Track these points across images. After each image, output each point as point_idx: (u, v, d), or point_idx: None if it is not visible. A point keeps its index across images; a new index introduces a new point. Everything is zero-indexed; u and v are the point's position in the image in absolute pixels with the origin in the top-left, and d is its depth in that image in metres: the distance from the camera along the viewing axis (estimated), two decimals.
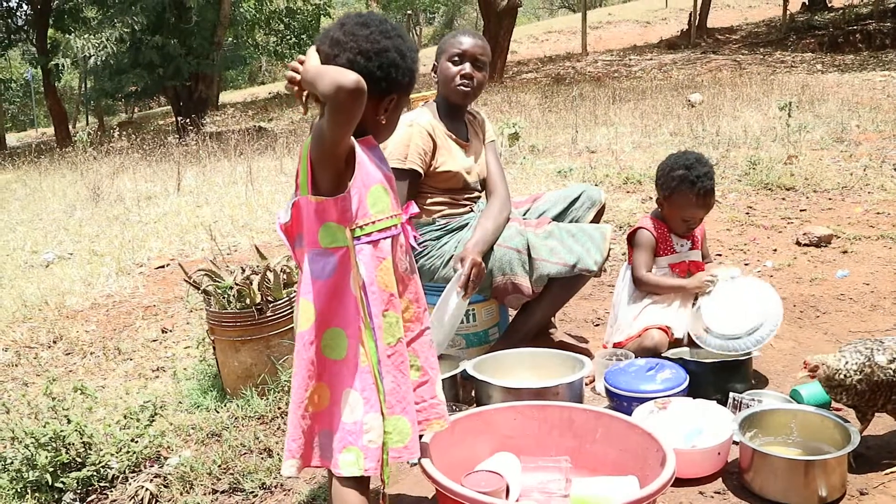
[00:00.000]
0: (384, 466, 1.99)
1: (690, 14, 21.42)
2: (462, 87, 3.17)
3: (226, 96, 28.41)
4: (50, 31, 21.94)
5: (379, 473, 1.99)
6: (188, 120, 14.03)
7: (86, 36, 15.39)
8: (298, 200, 2.00)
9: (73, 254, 6.17)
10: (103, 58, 15.37)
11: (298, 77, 1.93)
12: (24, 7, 23.00)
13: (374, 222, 2.00)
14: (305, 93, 1.95)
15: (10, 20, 22.86)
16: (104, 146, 11.78)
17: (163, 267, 5.45)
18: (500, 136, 8.04)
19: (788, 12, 20.97)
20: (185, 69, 16.48)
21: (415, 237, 2.19)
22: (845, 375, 2.43)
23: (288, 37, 24.71)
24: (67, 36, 17.63)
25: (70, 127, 22.53)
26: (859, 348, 2.48)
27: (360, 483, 2.00)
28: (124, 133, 13.63)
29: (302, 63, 1.94)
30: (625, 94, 12.40)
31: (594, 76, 16.73)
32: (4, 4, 22.47)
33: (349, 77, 1.78)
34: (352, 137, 1.93)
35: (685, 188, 3.23)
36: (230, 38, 21.35)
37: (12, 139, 25.90)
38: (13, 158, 14.57)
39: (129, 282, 5.19)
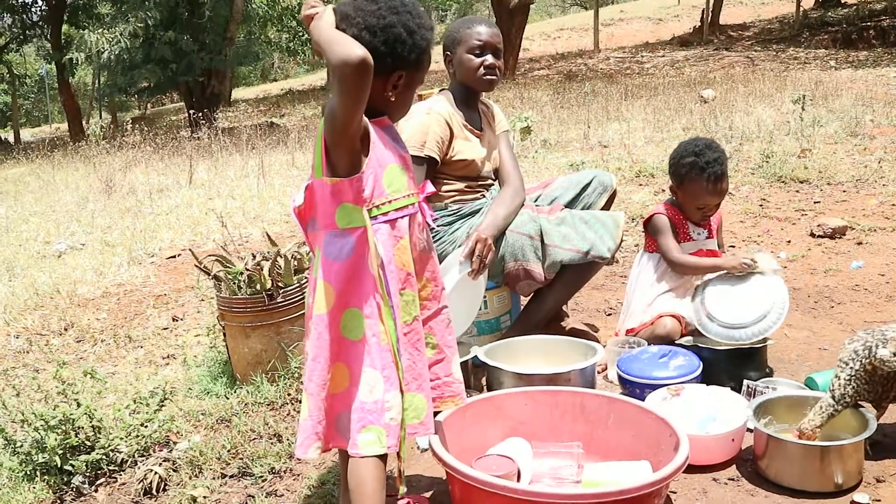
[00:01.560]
0: (402, 443, 1.99)
1: (703, 11, 21.34)
2: (489, 77, 3.20)
3: (238, 93, 28.48)
4: (64, 28, 22.04)
5: (397, 451, 1.99)
6: (201, 114, 14.05)
7: (99, 31, 15.45)
8: (312, 183, 1.99)
9: (86, 244, 6.18)
10: (116, 52, 15.43)
11: (313, 14, 1.92)
12: (39, 3, 23.12)
13: (390, 201, 1.99)
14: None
15: (24, 16, 22.98)
16: (117, 140, 11.83)
17: (174, 257, 5.45)
18: (513, 129, 8.01)
19: (801, 8, 20.84)
20: (197, 65, 16.51)
21: (432, 216, 2.17)
22: (851, 396, 2.39)
23: (300, 33, 24.71)
24: (81, 32, 17.68)
25: (83, 123, 22.60)
26: (857, 349, 2.41)
27: (378, 461, 1.99)
28: (137, 127, 13.65)
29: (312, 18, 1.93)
30: (637, 90, 12.34)
31: (606, 73, 16.67)
32: (20, 0, 22.57)
33: (355, 52, 1.77)
34: (365, 118, 1.92)
35: (695, 174, 3.20)
36: (243, 35, 21.35)
37: (27, 135, 26.03)
38: (27, 152, 14.63)
39: (140, 271, 5.20)
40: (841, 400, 2.38)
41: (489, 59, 3.18)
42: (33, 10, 23.58)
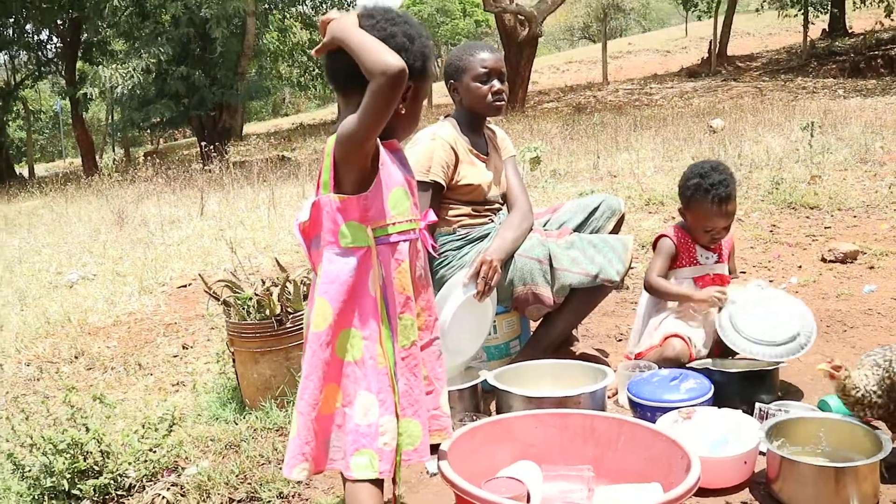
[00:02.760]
0: (397, 468, 1.97)
1: (710, 42, 21.49)
2: (498, 103, 3.23)
3: (250, 127, 28.72)
4: (79, 64, 22.32)
5: (392, 476, 1.97)
6: (212, 147, 14.17)
7: (113, 66, 15.64)
8: (319, 200, 1.98)
9: (97, 274, 6.20)
10: (129, 87, 15.60)
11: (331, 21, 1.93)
12: (54, 40, 23.41)
13: (394, 223, 1.99)
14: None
15: (40, 52, 23.30)
16: (129, 174, 11.92)
17: (185, 286, 5.47)
18: (522, 160, 8.03)
19: (809, 39, 20.95)
20: (209, 99, 16.69)
21: (433, 246, 2.17)
22: (864, 394, 2.37)
23: (311, 68, 24.95)
24: (95, 67, 17.92)
25: (97, 157, 22.80)
26: (878, 361, 2.41)
27: (374, 485, 1.97)
28: (149, 161, 13.77)
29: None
30: (646, 121, 12.40)
31: (615, 105, 16.77)
32: (35, 37, 22.90)
33: (395, 60, 1.78)
34: (377, 139, 1.93)
35: (700, 196, 3.21)
36: (254, 70, 21.59)
37: (41, 169, 26.24)
38: (41, 186, 14.75)
39: (151, 300, 5.21)
40: (863, 386, 2.36)
41: (496, 84, 3.20)
42: (48, 46, 23.91)
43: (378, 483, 1.98)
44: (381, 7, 2.00)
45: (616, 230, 3.37)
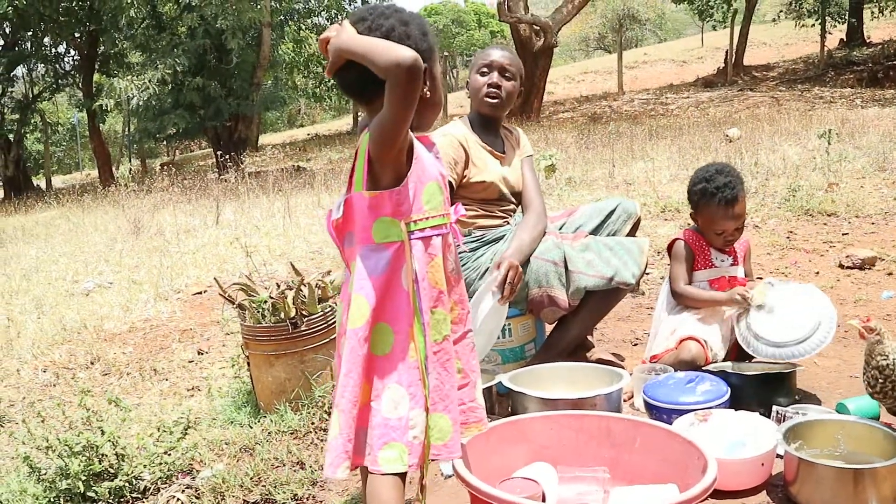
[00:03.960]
0: (425, 464, 1.97)
1: (727, 52, 21.42)
2: (488, 98, 3.20)
3: (265, 138, 28.86)
4: (96, 76, 22.50)
5: (420, 470, 1.97)
6: (228, 157, 14.24)
7: (129, 77, 15.77)
8: (351, 197, 1.99)
9: (113, 282, 6.23)
10: (145, 98, 15.71)
11: (329, 36, 1.94)
12: (72, 52, 23.62)
13: (427, 218, 2.00)
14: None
15: (57, 65, 23.49)
16: (145, 184, 11.99)
17: (200, 293, 5.48)
18: (537, 168, 8.02)
19: (826, 48, 20.86)
20: (225, 110, 16.78)
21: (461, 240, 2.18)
22: (890, 365, 2.35)
23: (326, 79, 25.03)
24: (111, 79, 18.06)
25: (113, 169, 22.96)
26: None
27: (398, 480, 1.96)
28: (165, 171, 13.84)
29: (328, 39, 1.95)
30: (662, 131, 12.35)
31: (631, 114, 16.73)
32: (53, 50, 23.11)
33: (405, 53, 1.79)
34: (410, 132, 1.94)
35: (706, 200, 3.21)
36: (269, 81, 21.69)
37: (58, 181, 26.44)
38: (58, 197, 14.87)
39: (166, 307, 5.23)
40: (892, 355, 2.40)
41: (493, 77, 3.18)
42: (66, 59, 24.11)
43: (401, 477, 1.98)
44: (366, 6, 2.02)
45: (632, 233, 3.36)
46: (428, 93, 2.00)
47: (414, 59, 1.79)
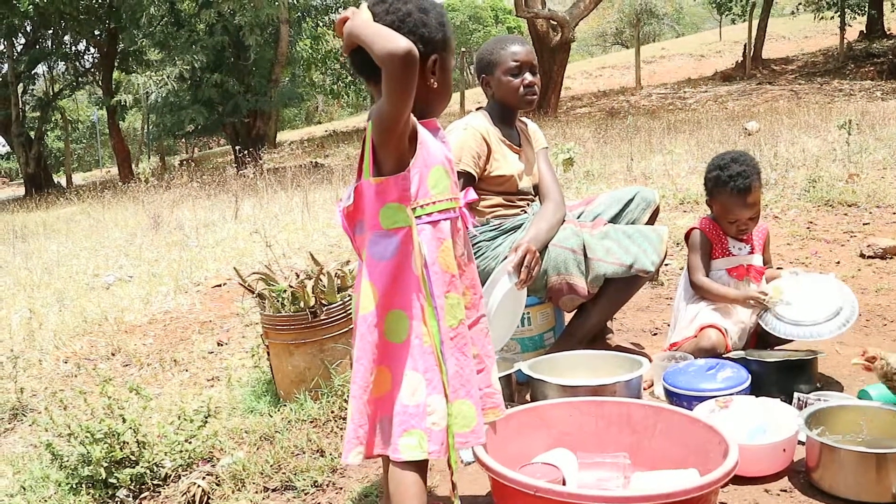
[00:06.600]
0: (451, 450, 1.95)
1: (745, 46, 21.27)
2: (530, 96, 3.23)
3: (283, 135, 28.92)
4: (115, 74, 22.66)
5: (445, 458, 1.95)
6: (246, 152, 14.29)
7: (147, 73, 15.87)
8: (360, 184, 1.99)
9: (133, 276, 6.27)
10: (164, 94, 15.80)
11: (346, 16, 1.93)
12: (92, 50, 23.80)
13: (434, 202, 1.99)
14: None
15: (77, 63, 23.69)
16: (165, 179, 12.06)
17: (220, 286, 5.51)
18: (555, 162, 8.01)
19: (846, 41, 20.67)
20: (243, 106, 16.87)
21: (473, 224, 2.17)
22: None
23: (343, 76, 25.11)
24: (130, 76, 18.20)
25: (133, 166, 23.13)
26: None
27: (419, 468, 1.96)
28: (184, 168, 13.92)
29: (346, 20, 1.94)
30: (680, 125, 12.29)
31: (649, 109, 16.65)
32: (73, 48, 23.29)
33: (400, 44, 1.77)
34: (413, 118, 1.93)
35: (720, 188, 3.19)
36: (287, 77, 21.77)
37: (78, 178, 26.68)
38: (79, 194, 14.99)
39: (186, 299, 5.26)
40: None
41: (528, 77, 3.20)
42: (86, 57, 24.31)
43: (423, 466, 1.97)
44: None
45: (651, 222, 3.35)
46: (435, 83, 1.99)
47: (407, 51, 1.77)
